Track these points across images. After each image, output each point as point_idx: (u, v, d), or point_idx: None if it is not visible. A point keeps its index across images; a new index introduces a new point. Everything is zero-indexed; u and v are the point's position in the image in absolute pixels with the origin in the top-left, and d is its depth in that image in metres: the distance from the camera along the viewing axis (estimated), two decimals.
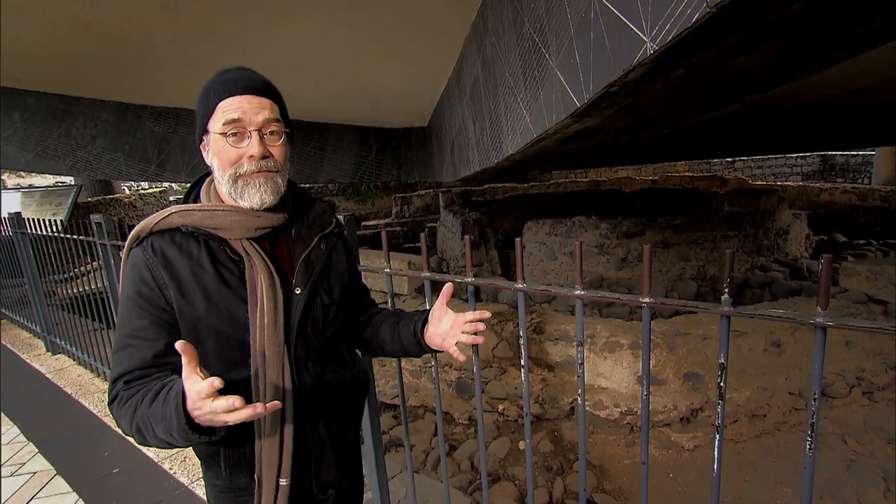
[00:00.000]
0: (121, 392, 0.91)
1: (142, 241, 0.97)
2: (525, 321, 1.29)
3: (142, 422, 0.86)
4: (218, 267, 0.96)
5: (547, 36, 2.13)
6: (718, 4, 1.06)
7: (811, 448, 0.92)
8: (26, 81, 5.46)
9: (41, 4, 3.25)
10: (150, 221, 0.96)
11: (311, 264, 1.04)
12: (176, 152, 6.58)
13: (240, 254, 0.97)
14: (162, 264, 0.94)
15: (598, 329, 3.92)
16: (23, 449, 2.78)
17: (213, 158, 0.96)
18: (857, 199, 10.46)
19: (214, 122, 0.93)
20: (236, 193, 0.95)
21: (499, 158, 3.46)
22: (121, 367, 0.93)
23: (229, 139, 0.93)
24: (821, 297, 0.86)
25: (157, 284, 0.93)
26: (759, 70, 1.75)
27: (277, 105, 0.98)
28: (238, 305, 0.96)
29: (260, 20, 3.44)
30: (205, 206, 0.98)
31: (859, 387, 3.87)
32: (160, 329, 0.94)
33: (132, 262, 0.96)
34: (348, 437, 1.13)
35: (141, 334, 0.93)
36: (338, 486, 1.14)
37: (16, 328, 5.11)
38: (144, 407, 0.86)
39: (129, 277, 0.96)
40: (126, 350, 0.93)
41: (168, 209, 0.98)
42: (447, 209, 8.81)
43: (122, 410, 0.90)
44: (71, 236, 3.31)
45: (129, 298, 0.95)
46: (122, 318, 0.95)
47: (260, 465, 0.98)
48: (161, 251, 0.94)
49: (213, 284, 0.95)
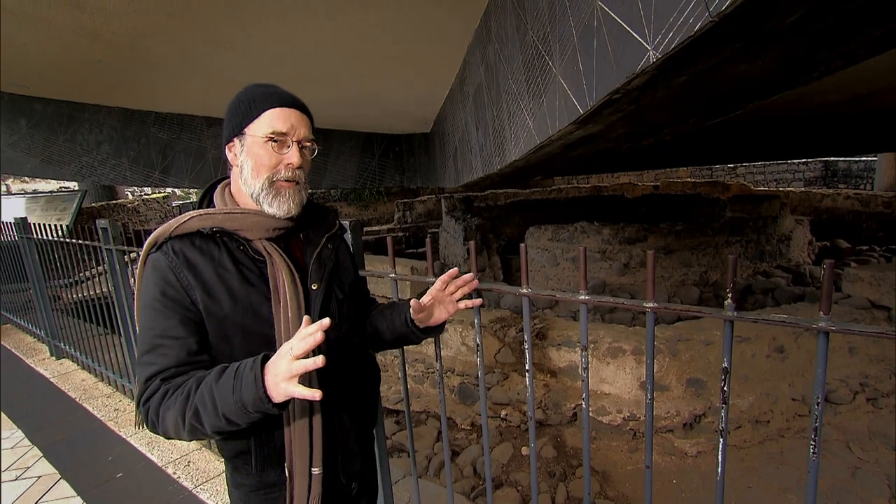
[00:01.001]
0: (159, 388, 0.91)
1: (160, 246, 0.99)
2: (529, 326, 1.30)
3: (201, 402, 0.87)
4: (239, 266, 1.00)
5: (550, 43, 2.15)
6: (720, 14, 1.08)
7: (814, 453, 0.93)
8: (33, 88, 5.52)
9: (47, 14, 3.28)
10: (168, 227, 1.00)
11: (323, 262, 1.11)
12: (180, 158, 6.62)
13: (261, 253, 1.02)
14: (185, 266, 0.97)
15: (600, 335, 3.92)
16: (27, 453, 2.79)
17: (248, 160, 1.01)
18: (859, 204, 10.45)
19: (258, 126, 1.00)
20: (267, 198, 1.01)
21: (502, 164, 3.48)
22: (154, 367, 0.93)
23: (272, 145, 1.00)
24: (823, 302, 0.87)
25: (182, 286, 0.96)
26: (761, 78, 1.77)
27: (312, 125, 1.08)
28: (262, 302, 1.00)
29: (264, 28, 3.47)
30: (225, 209, 1.04)
31: (863, 393, 3.85)
32: (189, 328, 0.96)
33: (153, 266, 0.98)
34: (368, 426, 1.20)
35: (171, 333, 0.95)
36: (362, 476, 1.19)
37: (20, 332, 5.13)
38: (207, 386, 0.88)
39: (151, 281, 0.97)
40: (157, 350, 0.94)
41: (186, 214, 1.02)
42: (449, 215, 8.84)
43: (167, 402, 0.90)
44: (76, 241, 3.34)
45: (154, 300, 0.96)
46: (148, 321, 0.96)
47: (290, 457, 1.01)
48: (182, 254, 0.98)
49: (236, 283, 0.99)
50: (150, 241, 1.00)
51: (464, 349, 4.37)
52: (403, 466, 3.06)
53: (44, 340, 4.49)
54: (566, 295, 1.20)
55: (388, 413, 4.35)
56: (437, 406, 4.32)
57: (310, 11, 3.21)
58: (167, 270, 0.96)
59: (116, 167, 6.43)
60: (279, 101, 1.01)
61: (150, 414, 0.92)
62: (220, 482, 2.43)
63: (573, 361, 4.02)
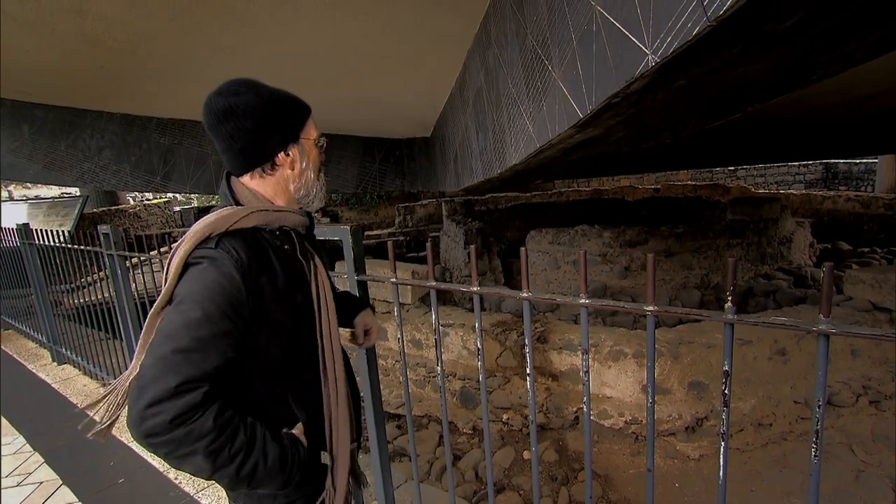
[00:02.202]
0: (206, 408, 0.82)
1: (217, 242, 0.91)
2: (530, 330, 1.30)
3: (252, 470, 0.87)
4: (287, 267, 1.01)
5: (550, 48, 2.16)
6: (718, 18, 1.09)
7: (816, 455, 0.93)
8: (36, 95, 5.54)
9: (50, 20, 3.31)
10: (223, 221, 0.92)
11: (324, 262, 1.17)
12: (181, 163, 6.64)
13: (305, 252, 1.08)
14: (248, 267, 0.91)
15: (601, 338, 3.91)
16: (29, 458, 2.79)
17: (306, 162, 1.08)
18: (860, 206, 10.44)
19: (309, 131, 1.08)
20: (317, 194, 1.12)
21: (502, 168, 3.49)
22: (192, 371, 0.81)
23: (319, 148, 1.11)
24: (823, 304, 0.87)
25: (245, 289, 0.89)
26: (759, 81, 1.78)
27: None
28: (306, 302, 1.05)
29: (265, 33, 3.49)
30: (276, 207, 1.03)
31: (866, 396, 3.84)
32: (235, 341, 0.88)
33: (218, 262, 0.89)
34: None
35: (217, 342, 0.85)
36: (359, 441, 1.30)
37: (22, 338, 5.14)
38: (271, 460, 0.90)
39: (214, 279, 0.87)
40: (201, 352, 0.83)
41: (240, 210, 0.96)
42: (450, 219, 8.84)
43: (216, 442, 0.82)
44: (78, 247, 3.34)
45: (212, 299, 0.86)
46: (198, 319, 0.84)
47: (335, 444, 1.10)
48: (245, 253, 0.91)
49: (285, 285, 1.00)
50: (198, 234, 0.90)
51: (465, 353, 4.36)
52: (405, 471, 3.05)
53: (45, 346, 4.50)
54: (567, 298, 1.20)
55: (390, 417, 4.34)
56: (438, 410, 4.32)
57: (310, 16, 3.23)
58: (233, 269, 0.88)
59: (118, 173, 6.45)
60: (307, 110, 1.10)
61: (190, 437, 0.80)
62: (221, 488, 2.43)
63: (574, 365, 4.02)
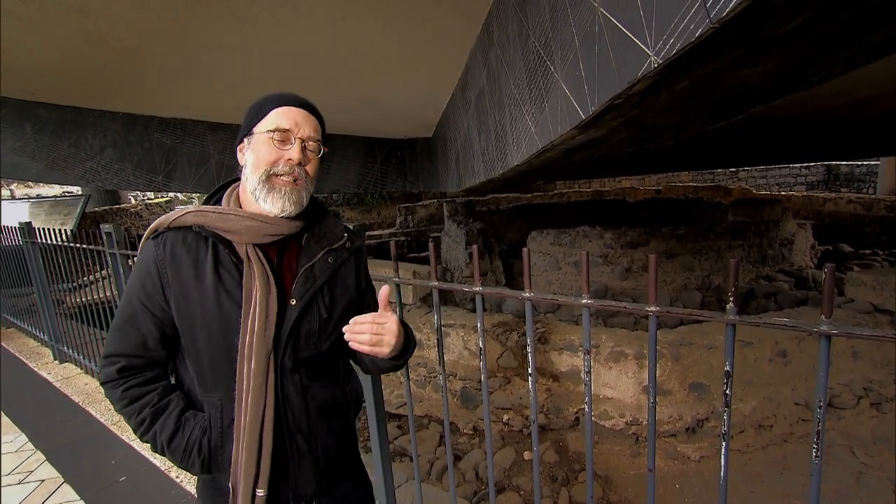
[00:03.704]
0: (117, 379, 1.01)
1: (158, 235, 1.02)
2: (532, 330, 1.31)
3: (152, 440, 1.02)
4: (219, 270, 0.99)
5: (552, 49, 2.16)
6: (721, 20, 1.09)
7: (817, 456, 0.93)
8: (39, 94, 5.56)
9: (53, 19, 3.32)
10: (168, 217, 1.03)
11: (312, 277, 1.05)
12: (183, 163, 6.65)
13: (241, 258, 1.00)
14: (169, 261, 0.99)
15: (602, 339, 3.91)
16: (31, 457, 2.80)
17: (251, 157, 1.02)
18: (862, 208, 10.44)
19: (263, 124, 1.01)
20: (262, 194, 1.00)
21: (504, 169, 3.49)
22: (115, 346, 1.02)
23: (275, 141, 1.00)
24: (824, 305, 0.88)
25: (160, 281, 0.99)
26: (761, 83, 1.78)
27: (321, 128, 1.07)
28: (233, 309, 0.98)
29: (267, 33, 3.50)
30: (219, 209, 1.03)
31: (867, 398, 3.84)
32: (153, 322, 1.01)
33: (145, 253, 1.02)
34: (332, 452, 1.12)
35: (136, 324, 1.01)
36: (317, 500, 1.13)
37: (24, 336, 5.15)
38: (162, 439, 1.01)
39: (138, 268, 1.03)
40: (121, 332, 1.02)
41: (186, 208, 1.03)
42: (451, 219, 8.85)
43: (126, 410, 1.02)
44: (80, 245, 3.35)
45: (134, 287, 1.02)
46: (125, 302, 1.03)
47: (236, 473, 1.00)
48: (171, 248, 1.00)
49: (211, 288, 0.98)
50: (151, 227, 1.04)
51: (466, 353, 4.37)
52: (406, 471, 3.05)
53: (47, 344, 4.51)
54: (569, 299, 1.20)
55: (391, 417, 4.35)
56: (439, 410, 4.32)
57: (311, 16, 3.23)
58: (152, 263, 1.00)
59: (120, 172, 6.46)
60: (286, 101, 1.02)
61: (111, 399, 1.03)
62: None
63: (575, 365, 4.02)
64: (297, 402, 1.04)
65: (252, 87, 4.71)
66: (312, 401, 1.06)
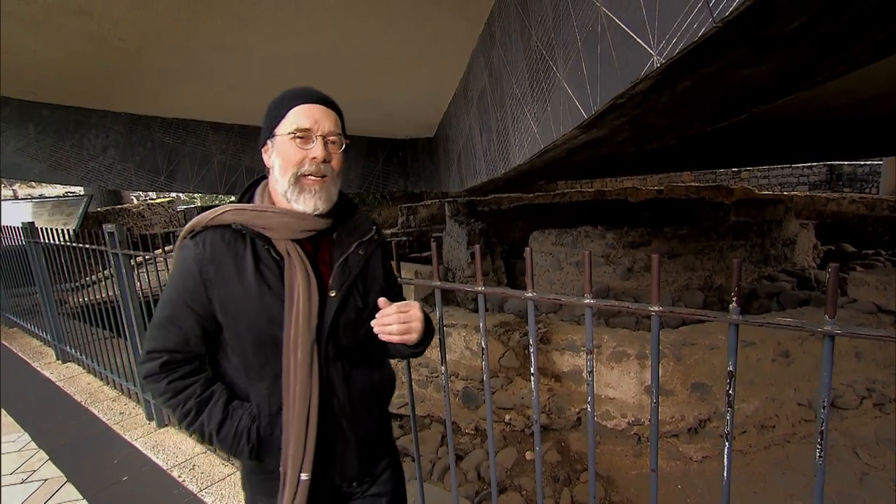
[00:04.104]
0: (159, 373, 1.03)
1: (196, 234, 1.04)
2: (535, 330, 1.30)
3: (200, 431, 1.04)
4: (259, 265, 1.02)
5: (554, 49, 2.16)
6: (724, 20, 1.09)
7: (821, 457, 0.93)
8: (41, 94, 5.57)
9: (56, 20, 3.33)
10: (205, 216, 1.04)
11: (347, 269, 1.09)
12: (185, 163, 6.66)
13: (281, 254, 1.03)
14: (210, 260, 1.01)
15: (604, 339, 3.91)
16: (34, 456, 2.81)
17: (276, 159, 1.04)
18: (864, 208, 10.40)
19: (285, 125, 1.02)
20: (293, 195, 1.03)
21: (506, 169, 3.49)
22: (156, 343, 1.04)
23: (297, 141, 1.02)
24: (828, 305, 0.87)
25: (202, 280, 1.01)
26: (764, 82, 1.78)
27: (340, 120, 1.08)
28: (275, 304, 1.01)
29: (270, 34, 3.51)
30: (256, 206, 1.06)
31: (870, 398, 3.83)
32: (194, 320, 1.03)
33: (184, 252, 1.04)
34: (373, 435, 1.18)
35: (178, 322, 1.03)
36: (358, 480, 1.19)
37: (27, 336, 5.16)
38: (210, 428, 1.04)
39: (179, 267, 1.04)
40: (163, 330, 1.04)
41: (223, 207, 1.05)
42: (453, 219, 8.84)
43: (170, 402, 1.04)
44: (83, 245, 3.36)
45: (176, 286, 1.04)
46: (166, 300, 1.05)
47: (285, 457, 1.04)
48: (211, 246, 1.02)
49: (253, 283, 1.01)
50: (188, 227, 1.05)
51: (468, 353, 4.36)
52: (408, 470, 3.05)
53: (50, 344, 4.52)
54: (572, 299, 1.20)
55: (393, 417, 4.35)
56: (440, 410, 4.32)
57: (313, 17, 3.24)
58: (192, 262, 1.02)
59: (122, 172, 6.47)
60: (303, 99, 1.03)
61: (154, 393, 1.05)
62: (225, 486, 2.44)
63: (577, 365, 4.01)
64: (340, 388, 1.09)
65: (254, 88, 4.71)
66: (354, 387, 1.11)
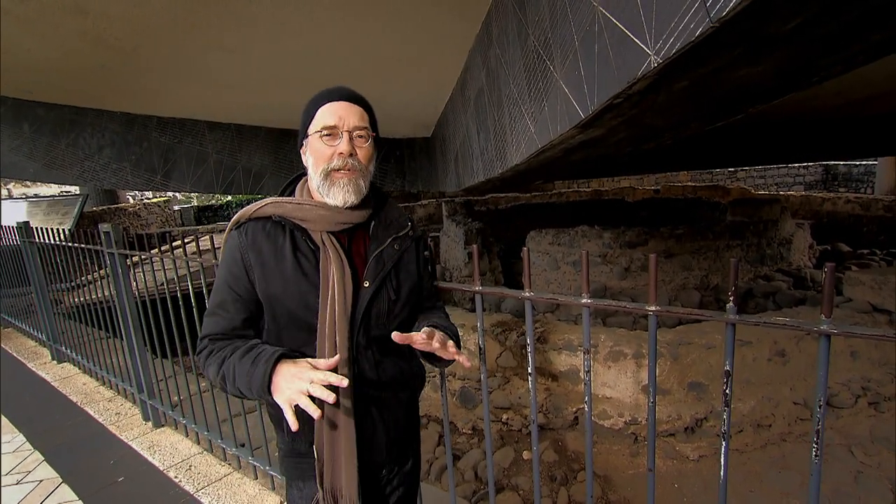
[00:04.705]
0: (208, 345, 1.11)
1: (241, 225, 1.12)
2: (532, 330, 1.30)
3: (227, 370, 1.05)
4: (297, 255, 1.08)
5: (552, 48, 2.16)
6: (721, 19, 1.09)
7: (817, 455, 0.93)
8: (37, 93, 5.54)
9: (52, 19, 3.31)
10: (249, 209, 1.12)
11: (381, 261, 1.14)
12: (182, 162, 6.64)
13: (317, 244, 1.08)
14: (251, 247, 1.09)
15: (601, 339, 3.92)
16: (29, 457, 2.79)
17: (310, 158, 1.11)
18: (860, 208, 10.46)
19: (314, 125, 1.09)
20: (325, 190, 1.09)
21: (503, 168, 3.49)
22: (207, 329, 1.12)
23: (324, 139, 1.07)
24: (824, 305, 0.88)
25: (244, 266, 1.09)
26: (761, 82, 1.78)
27: (367, 114, 1.13)
28: (310, 291, 1.07)
29: (267, 33, 3.49)
30: (295, 200, 1.13)
31: (865, 397, 3.85)
32: (241, 306, 1.11)
33: (230, 243, 1.12)
34: (401, 423, 1.23)
35: (226, 307, 1.11)
36: (387, 466, 1.23)
37: (22, 336, 5.14)
38: (235, 359, 1.04)
39: (225, 256, 1.12)
40: (213, 317, 1.12)
41: (265, 200, 1.13)
42: (450, 219, 8.84)
43: (210, 359, 1.09)
44: (78, 245, 3.34)
45: (223, 274, 1.12)
46: (216, 289, 1.13)
47: (320, 437, 1.08)
48: (253, 236, 1.10)
49: (290, 270, 1.07)
50: (234, 219, 1.13)
51: (465, 353, 4.37)
52: None
53: (45, 344, 4.49)
54: (569, 298, 1.20)
55: None
56: (438, 410, 4.32)
57: (310, 17, 3.23)
58: (236, 250, 1.10)
59: (118, 171, 6.45)
60: (329, 98, 1.08)
61: (200, 364, 1.11)
62: (222, 486, 2.43)
63: (574, 365, 4.02)
64: (371, 375, 1.13)
65: (251, 87, 4.70)
66: (384, 374, 1.16)
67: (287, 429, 1.08)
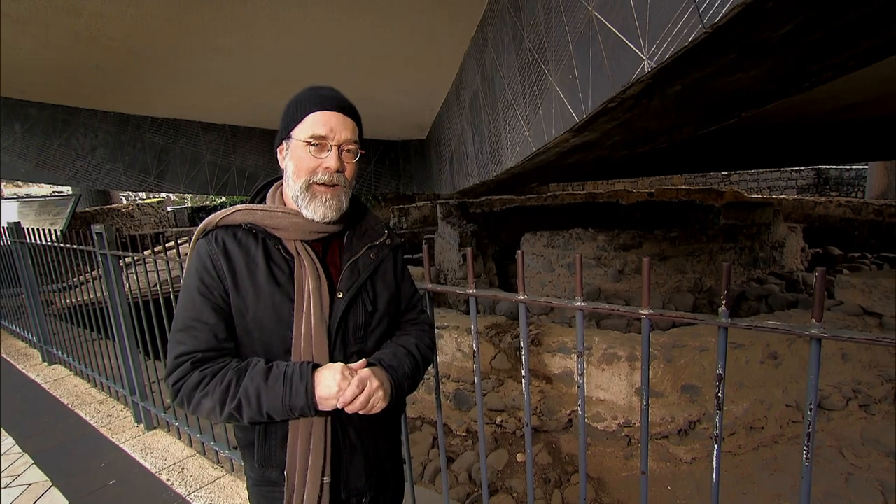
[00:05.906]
0: (191, 372, 0.97)
1: (208, 233, 1.05)
2: (526, 333, 1.31)
3: (245, 397, 0.94)
4: (270, 264, 1.02)
5: (546, 52, 2.17)
6: (714, 25, 1.10)
7: (807, 459, 0.94)
8: (29, 93, 5.50)
9: (45, 18, 3.28)
10: (216, 216, 1.05)
11: (356, 271, 1.09)
12: (175, 163, 6.61)
13: (291, 253, 1.03)
14: (223, 255, 1.01)
15: (595, 341, 3.93)
16: (18, 460, 2.76)
17: (290, 163, 1.04)
18: (851, 212, 10.55)
19: (301, 130, 1.02)
20: (304, 202, 1.03)
21: (498, 171, 3.50)
22: (185, 346, 0.99)
23: (311, 149, 1.01)
24: (815, 308, 0.88)
25: (217, 274, 1.01)
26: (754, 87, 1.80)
27: (358, 128, 1.08)
28: (284, 303, 1.01)
29: (263, 33, 3.49)
30: (266, 207, 1.07)
31: (856, 399, 3.88)
32: (219, 314, 1.01)
33: (198, 251, 1.03)
34: (380, 446, 1.16)
35: (202, 318, 1.00)
36: (366, 494, 1.16)
37: (12, 338, 5.09)
38: (254, 385, 0.95)
39: (194, 265, 1.03)
40: (189, 332, 1.00)
41: (234, 207, 1.06)
42: (445, 221, 8.84)
43: (205, 389, 0.96)
44: (70, 246, 3.32)
45: (192, 284, 1.02)
46: (185, 302, 1.02)
47: (293, 464, 1.01)
48: (223, 244, 1.02)
49: (263, 280, 1.01)
50: (201, 226, 1.05)
51: (459, 355, 4.36)
52: None
53: (36, 346, 4.45)
54: (563, 301, 1.21)
55: None
56: (432, 412, 4.31)
57: (306, 18, 3.22)
58: (207, 258, 1.02)
59: (111, 172, 6.40)
60: (322, 104, 1.02)
61: (182, 394, 0.97)
62: (214, 489, 2.42)
63: (568, 368, 4.03)
64: None
65: (246, 87, 4.68)
66: None
67: (258, 454, 1.05)
